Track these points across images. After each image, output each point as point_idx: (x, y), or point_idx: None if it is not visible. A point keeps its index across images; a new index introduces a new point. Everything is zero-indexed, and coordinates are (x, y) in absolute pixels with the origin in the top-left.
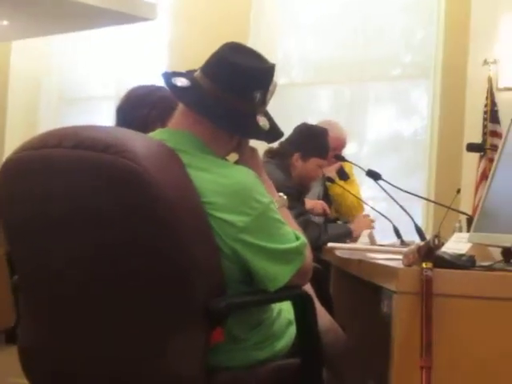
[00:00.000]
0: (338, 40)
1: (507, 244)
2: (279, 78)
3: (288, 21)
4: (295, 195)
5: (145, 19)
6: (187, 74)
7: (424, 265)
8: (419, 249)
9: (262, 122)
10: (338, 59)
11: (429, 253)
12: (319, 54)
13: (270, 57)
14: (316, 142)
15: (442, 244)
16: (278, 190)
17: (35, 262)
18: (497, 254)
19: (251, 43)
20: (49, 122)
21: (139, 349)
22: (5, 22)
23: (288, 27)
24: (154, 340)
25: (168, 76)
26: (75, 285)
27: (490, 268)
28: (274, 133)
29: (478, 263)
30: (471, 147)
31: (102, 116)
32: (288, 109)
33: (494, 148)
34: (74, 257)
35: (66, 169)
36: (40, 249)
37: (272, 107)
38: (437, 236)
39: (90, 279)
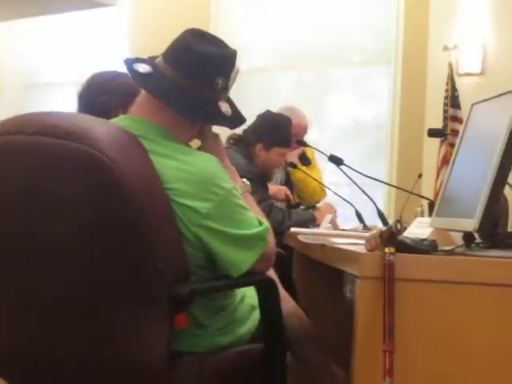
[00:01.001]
0: (298, 25)
1: (468, 228)
2: (241, 64)
3: (249, 6)
4: (258, 181)
5: (106, 5)
6: (149, 61)
7: (386, 249)
8: (381, 233)
9: (225, 108)
10: (299, 45)
11: (391, 237)
12: (280, 40)
13: (231, 43)
14: (279, 131)
15: (404, 229)
16: (241, 176)
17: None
18: (458, 238)
19: (212, 29)
20: (10, 108)
21: (101, 334)
22: None
23: (249, 13)
24: (117, 325)
25: (130, 62)
26: (35, 270)
27: (451, 252)
28: (236, 119)
29: (440, 248)
30: (432, 132)
31: (64, 102)
32: (249, 95)
33: (455, 133)
34: (36, 243)
35: (26, 155)
36: (5, 235)
37: (234, 93)
38: (399, 221)
39: (51, 266)
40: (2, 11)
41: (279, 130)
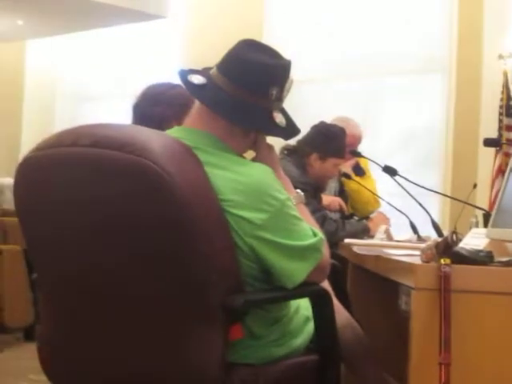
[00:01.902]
0: (353, 35)
1: None
2: (294, 74)
3: (302, 16)
4: (311, 191)
5: (157, 17)
6: (203, 72)
7: (442, 261)
8: (437, 245)
9: (279, 118)
10: (353, 54)
11: (447, 249)
12: (333, 50)
13: (284, 53)
14: (334, 142)
15: (460, 240)
16: (294, 187)
17: (53, 259)
18: None
19: (265, 40)
20: (64, 120)
21: (158, 347)
22: (19, 22)
23: (302, 23)
24: (173, 338)
25: (184, 73)
26: (95, 286)
27: (508, 264)
28: (290, 129)
29: (496, 259)
30: (488, 142)
31: (117, 114)
32: (302, 105)
33: (510, 142)
34: (94, 257)
35: (80, 166)
36: (58, 244)
37: (286, 103)
38: (454, 232)
39: (109, 280)
40: (56, 25)
41: (334, 141)
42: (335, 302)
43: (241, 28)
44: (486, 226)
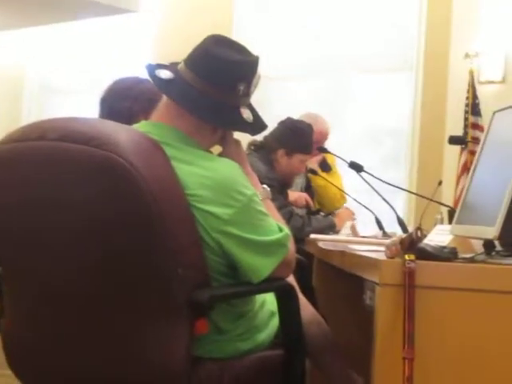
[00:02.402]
0: (321, 33)
1: (489, 236)
2: (262, 70)
3: (271, 13)
4: (278, 187)
5: (128, 11)
6: (171, 67)
7: (407, 257)
8: (402, 241)
9: (246, 114)
10: (322, 52)
11: (411, 245)
12: (302, 47)
13: (253, 49)
14: (301, 138)
15: (424, 236)
16: (261, 182)
17: (19, 253)
18: (479, 246)
19: (235, 36)
20: (31, 113)
21: (123, 343)
22: None
23: (271, 20)
24: (139, 333)
25: (152, 68)
26: (57, 283)
27: (471, 260)
28: (257, 125)
29: (460, 255)
30: (453, 140)
31: (85, 108)
32: (270, 101)
33: (475, 140)
34: (58, 253)
35: (48, 161)
36: (24, 239)
37: (254, 100)
38: (419, 228)
39: (71, 277)
40: (25, 18)
41: (301, 137)
42: (301, 297)
43: (211, 24)
44: (450, 222)
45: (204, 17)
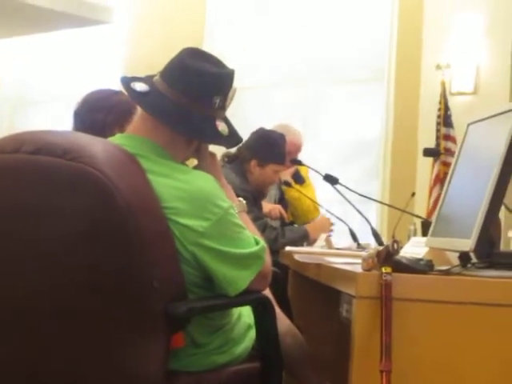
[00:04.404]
0: (292, 43)
1: (464, 248)
2: (235, 81)
3: (243, 24)
4: (252, 199)
5: (100, 22)
6: (146, 79)
7: (383, 269)
8: (378, 253)
9: (221, 127)
10: (293, 62)
11: (388, 257)
12: (274, 58)
13: (225, 60)
14: (273, 148)
15: (400, 248)
16: (235, 194)
17: None
18: (454, 258)
19: (206, 47)
20: (3, 125)
21: (98, 357)
22: None
23: (243, 30)
24: (113, 344)
25: (127, 80)
26: (31, 292)
27: (447, 272)
28: (233, 138)
29: (436, 267)
30: (428, 152)
31: (58, 120)
32: (243, 112)
33: (448, 152)
34: (32, 255)
35: (23, 174)
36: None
37: (228, 112)
38: (395, 241)
39: (47, 286)
40: None
41: (274, 147)
42: (276, 309)
43: (183, 35)
44: (424, 233)
45: (176, 28)
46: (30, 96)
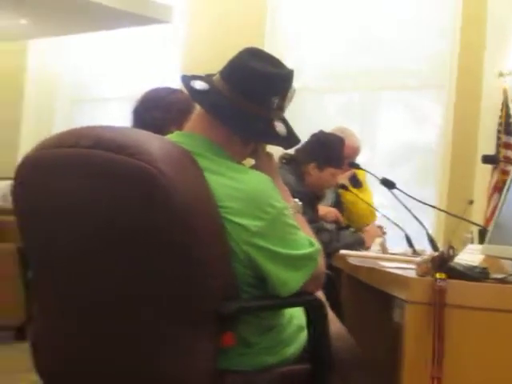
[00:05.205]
0: (352, 47)
1: None
2: (294, 82)
3: (303, 26)
4: (308, 201)
5: (160, 21)
6: (206, 78)
7: (437, 275)
8: (433, 259)
9: (279, 127)
10: (353, 66)
11: (442, 263)
12: (333, 61)
13: (286, 61)
14: (333, 152)
15: (455, 255)
16: (291, 195)
17: (50, 263)
18: (510, 266)
19: (267, 47)
20: (63, 122)
21: (147, 350)
22: (23, 21)
23: (303, 33)
24: (164, 341)
25: (187, 79)
26: (87, 285)
27: (503, 280)
28: (290, 139)
29: (491, 275)
30: (486, 159)
31: (116, 118)
32: (301, 114)
33: (508, 160)
34: (91, 262)
35: (81, 168)
36: (56, 246)
37: (286, 113)
38: (451, 247)
39: (103, 280)
40: (59, 26)
41: (332, 150)
42: (329, 312)
43: (243, 34)
44: (481, 242)
45: (236, 27)
46: (89, 94)
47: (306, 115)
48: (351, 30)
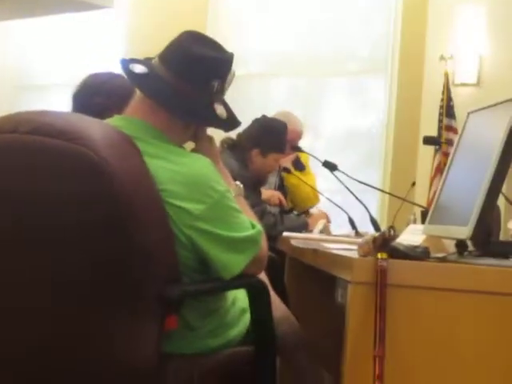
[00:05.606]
0: (295, 33)
1: (461, 236)
2: (237, 68)
3: (246, 11)
4: (251, 185)
5: (102, 7)
6: (145, 62)
7: (379, 255)
8: (374, 239)
9: (220, 110)
10: (296, 51)
11: (384, 243)
12: (277, 46)
13: (228, 47)
14: (275, 138)
15: (397, 235)
16: (234, 179)
17: None
18: (451, 246)
19: (209, 33)
20: (2, 108)
21: (89, 335)
22: None
23: (246, 18)
24: (106, 326)
25: (126, 62)
26: (25, 272)
27: (444, 260)
28: (231, 121)
29: (433, 255)
30: (427, 140)
31: (57, 103)
32: (245, 99)
33: (449, 142)
34: (28, 239)
35: (20, 154)
36: None
37: (229, 97)
38: (392, 227)
39: (39, 263)
40: None
41: (275, 136)
42: (272, 294)
43: (185, 21)
44: (423, 223)
45: (178, 12)
46: (32, 80)
47: (251, 100)
48: (295, 16)
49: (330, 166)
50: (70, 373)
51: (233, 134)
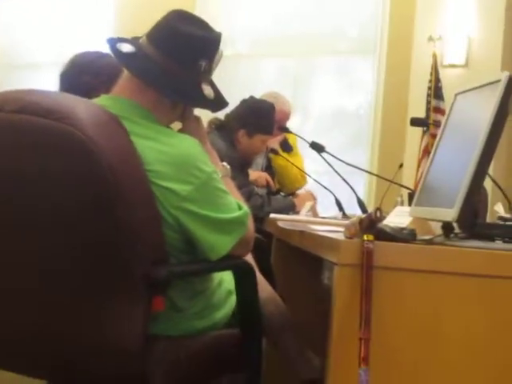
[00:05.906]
0: (284, 13)
1: (448, 218)
2: (225, 48)
3: None
4: (238, 166)
5: None
6: (132, 41)
7: (365, 237)
8: (361, 221)
9: (207, 90)
10: (284, 32)
11: (370, 225)
12: (265, 27)
13: (216, 27)
14: (262, 119)
15: (384, 217)
16: (221, 160)
17: None
18: (437, 228)
19: (198, 12)
20: None
21: (76, 316)
22: None
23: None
24: (92, 307)
25: (113, 41)
26: (14, 252)
27: (430, 242)
28: (218, 102)
29: (419, 237)
30: (415, 122)
31: (45, 82)
32: (233, 80)
33: (437, 124)
34: (16, 218)
35: (6, 133)
36: None
37: (217, 78)
38: (378, 209)
39: (28, 243)
40: None
41: (263, 117)
42: (259, 276)
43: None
44: (411, 205)
45: None
46: (20, 59)
47: (239, 81)
48: None
49: (318, 148)
50: (57, 352)
51: (220, 115)
